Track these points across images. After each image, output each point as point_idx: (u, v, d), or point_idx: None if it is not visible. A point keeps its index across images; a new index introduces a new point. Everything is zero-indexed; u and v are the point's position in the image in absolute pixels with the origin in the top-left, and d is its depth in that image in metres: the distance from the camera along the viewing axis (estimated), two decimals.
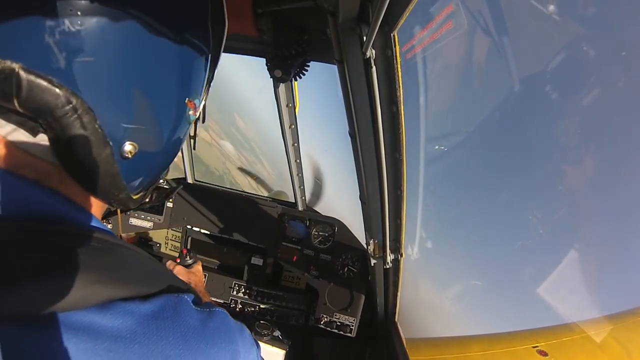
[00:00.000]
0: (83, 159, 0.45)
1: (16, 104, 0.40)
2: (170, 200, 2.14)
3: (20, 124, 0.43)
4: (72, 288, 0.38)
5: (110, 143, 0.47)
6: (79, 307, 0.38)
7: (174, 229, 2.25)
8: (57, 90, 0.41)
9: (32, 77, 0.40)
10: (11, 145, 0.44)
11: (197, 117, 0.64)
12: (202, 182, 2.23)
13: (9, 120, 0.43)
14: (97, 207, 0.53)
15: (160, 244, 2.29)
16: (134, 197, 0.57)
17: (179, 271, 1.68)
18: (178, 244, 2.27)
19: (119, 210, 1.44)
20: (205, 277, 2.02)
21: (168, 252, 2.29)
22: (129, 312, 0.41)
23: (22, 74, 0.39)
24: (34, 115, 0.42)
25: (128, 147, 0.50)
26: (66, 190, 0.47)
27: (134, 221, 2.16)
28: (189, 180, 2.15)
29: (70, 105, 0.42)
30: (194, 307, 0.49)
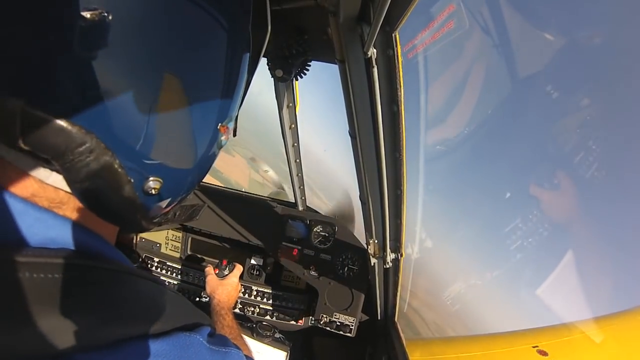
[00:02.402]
0: (101, 197, 0.41)
1: (22, 144, 0.36)
2: None
3: (31, 156, 0.38)
4: (82, 327, 0.35)
5: (132, 180, 0.42)
6: (88, 348, 0.36)
7: (174, 228, 2.24)
8: (69, 129, 0.36)
9: (38, 116, 0.35)
10: (24, 174, 0.40)
11: (228, 141, 0.57)
12: (201, 182, 2.23)
13: (9, 146, 0.38)
14: (110, 229, 0.50)
15: (160, 244, 2.28)
16: (154, 221, 0.53)
17: (210, 281, 1.66)
18: (178, 244, 2.27)
19: None
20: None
21: (168, 252, 2.29)
22: (137, 353, 0.39)
23: (28, 113, 0.34)
24: (44, 156, 0.38)
25: (152, 183, 0.45)
26: (81, 218, 0.43)
27: None
28: None
29: (85, 146, 0.37)
30: (207, 345, 0.47)
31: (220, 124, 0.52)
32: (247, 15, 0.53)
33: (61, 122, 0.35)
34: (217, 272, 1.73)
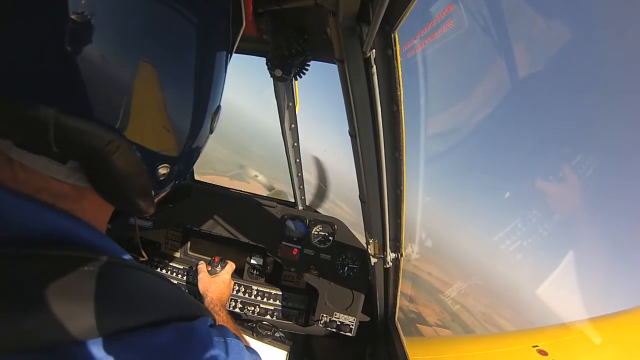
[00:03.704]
0: (119, 187, 0.44)
1: (54, 148, 0.37)
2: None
3: (49, 156, 0.40)
4: (78, 317, 0.35)
5: (146, 169, 0.46)
6: (85, 338, 0.36)
7: (174, 228, 2.24)
8: (99, 130, 0.38)
9: (70, 123, 0.36)
10: (29, 171, 0.40)
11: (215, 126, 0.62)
12: (201, 181, 2.23)
13: (34, 152, 0.39)
14: (105, 221, 0.52)
15: (160, 244, 2.29)
16: (155, 203, 0.56)
17: (202, 279, 1.66)
18: (178, 244, 2.27)
19: None
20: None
21: (168, 252, 2.29)
22: (136, 345, 0.39)
23: (60, 120, 0.36)
24: (72, 156, 0.40)
25: (162, 170, 0.50)
26: (79, 211, 0.45)
27: (133, 220, 2.15)
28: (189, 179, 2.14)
29: (114, 143, 0.40)
30: (207, 336, 0.48)
31: (213, 112, 0.57)
32: (227, 13, 0.57)
33: (92, 124, 0.38)
34: (209, 269, 1.73)
